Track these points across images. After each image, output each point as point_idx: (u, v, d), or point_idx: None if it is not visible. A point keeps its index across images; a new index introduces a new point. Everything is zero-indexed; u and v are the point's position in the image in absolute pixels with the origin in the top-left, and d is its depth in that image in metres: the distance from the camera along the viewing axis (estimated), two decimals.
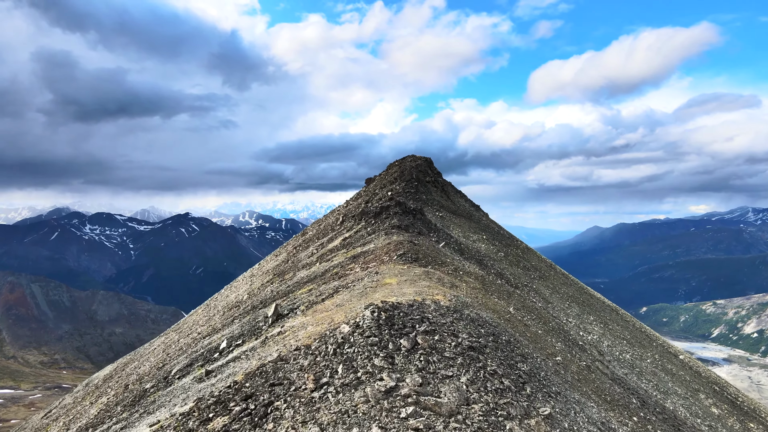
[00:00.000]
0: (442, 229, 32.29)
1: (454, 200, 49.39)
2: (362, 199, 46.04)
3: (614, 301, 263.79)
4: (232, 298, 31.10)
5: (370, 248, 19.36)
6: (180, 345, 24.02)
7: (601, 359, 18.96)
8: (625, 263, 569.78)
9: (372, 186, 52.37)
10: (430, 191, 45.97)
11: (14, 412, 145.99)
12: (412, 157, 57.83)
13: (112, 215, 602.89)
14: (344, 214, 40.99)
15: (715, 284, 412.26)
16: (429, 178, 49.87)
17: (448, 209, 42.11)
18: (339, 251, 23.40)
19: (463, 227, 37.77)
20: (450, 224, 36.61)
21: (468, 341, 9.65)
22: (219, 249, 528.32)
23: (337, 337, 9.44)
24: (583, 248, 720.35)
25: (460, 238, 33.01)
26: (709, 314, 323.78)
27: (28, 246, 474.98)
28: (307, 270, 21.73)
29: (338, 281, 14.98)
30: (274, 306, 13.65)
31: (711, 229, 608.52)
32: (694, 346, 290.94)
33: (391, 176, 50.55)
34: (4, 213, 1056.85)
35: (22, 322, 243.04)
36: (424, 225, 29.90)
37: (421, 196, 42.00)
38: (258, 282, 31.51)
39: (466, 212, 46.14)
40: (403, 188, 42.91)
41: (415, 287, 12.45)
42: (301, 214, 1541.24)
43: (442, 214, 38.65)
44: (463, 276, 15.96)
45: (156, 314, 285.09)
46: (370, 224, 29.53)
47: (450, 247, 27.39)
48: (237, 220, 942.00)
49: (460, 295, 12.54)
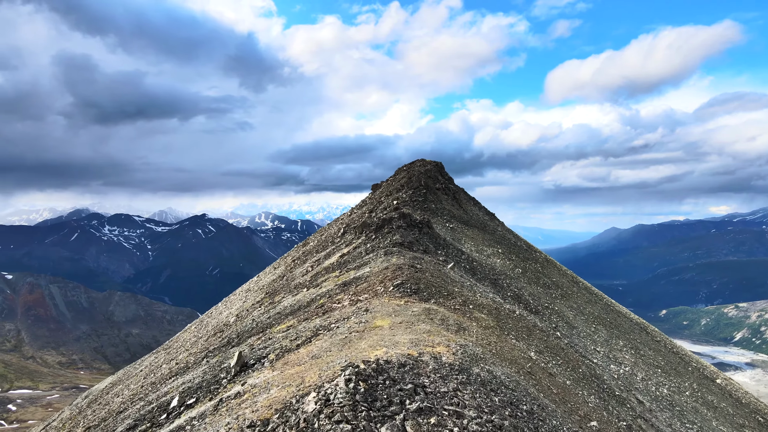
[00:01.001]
0: (452, 244, 29.92)
1: (466, 208, 46.10)
2: (367, 207, 43.50)
3: (633, 303, 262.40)
4: (222, 318, 29.27)
5: (364, 273, 16.95)
6: (148, 382, 22.64)
7: (643, 413, 16.24)
8: (644, 265, 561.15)
9: (378, 193, 49.61)
10: (440, 199, 42.72)
11: (32, 413, 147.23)
12: (422, 161, 54.68)
13: (131, 216, 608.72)
14: (347, 224, 38.85)
15: (737, 287, 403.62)
16: (439, 184, 46.60)
17: (460, 219, 39.30)
18: (332, 272, 21.40)
19: (476, 240, 35.07)
20: (461, 237, 34.09)
21: (476, 424, 7.04)
22: (235, 250, 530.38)
23: (299, 417, 6.97)
24: (601, 250, 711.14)
25: (472, 253, 30.61)
26: (731, 317, 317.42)
27: (49, 247, 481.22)
28: (293, 296, 19.45)
29: (321, 318, 12.67)
30: (237, 355, 11.12)
31: (732, 230, 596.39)
32: (716, 350, 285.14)
33: (398, 183, 47.47)
34: (26, 214, 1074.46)
35: (41, 322, 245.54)
36: (431, 240, 27.67)
37: (429, 205, 39.22)
38: (251, 300, 29.74)
39: (479, 222, 43.07)
40: (410, 196, 40.17)
41: (412, 333, 9.88)
42: (317, 215, 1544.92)
43: (452, 225, 36.02)
44: (474, 311, 13.21)
45: (172, 315, 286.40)
46: (371, 239, 27.10)
47: (460, 266, 24.95)
48: (253, 221, 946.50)
49: (468, 343, 9.96)
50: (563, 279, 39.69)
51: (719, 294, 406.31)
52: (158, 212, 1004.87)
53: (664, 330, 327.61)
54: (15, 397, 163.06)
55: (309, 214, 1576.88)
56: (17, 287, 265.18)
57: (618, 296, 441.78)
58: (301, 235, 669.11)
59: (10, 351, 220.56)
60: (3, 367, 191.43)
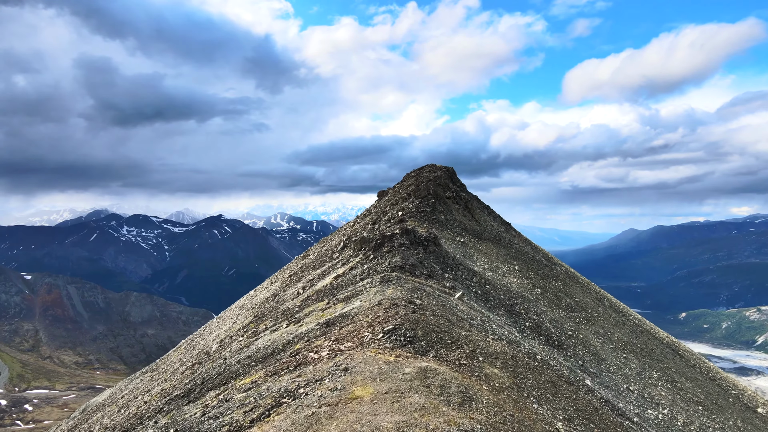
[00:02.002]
0: (463, 263, 26.83)
1: (479, 219, 42.53)
2: (370, 217, 40.15)
3: (651, 306, 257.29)
4: (209, 341, 26.97)
5: (352, 310, 14.33)
6: (112, 421, 21.26)
7: None
8: (663, 267, 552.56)
9: (384, 201, 45.28)
10: (451, 209, 39.05)
11: (47, 413, 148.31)
12: (431, 167, 50.24)
13: (148, 217, 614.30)
14: (348, 235, 35.86)
15: (760, 289, 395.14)
16: (450, 192, 42.31)
17: (472, 232, 36.38)
18: (321, 302, 18.71)
19: (489, 255, 32.15)
20: (473, 252, 30.99)
21: None
22: (251, 250, 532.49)
23: None
24: (619, 251, 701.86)
25: (485, 272, 27.62)
26: (753, 321, 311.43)
27: (69, 247, 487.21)
28: (272, 333, 16.87)
29: (291, 375, 10.31)
30: None
31: (754, 231, 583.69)
32: (737, 354, 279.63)
33: (405, 190, 43.40)
34: (47, 215, 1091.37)
35: (59, 322, 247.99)
36: (438, 260, 24.95)
37: (438, 217, 35.84)
38: (239, 322, 27.47)
39: (494, 235, 39.53)
40: (417, 207, 36.51)
41: (399, 413, 7.54)
42: (332, 215, 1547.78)
43: (464, 240, 33.09)
44: (484, 365, 10.85)
45: (187, 316, 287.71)
46: (368, 259, 24.46)
47: (471, 291, 22.00)
48: (269, 221, 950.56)
49: (476, 426, 7.50)
50: (587, 298, 36.33)
51: (740, 297, 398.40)
52: (175, 213, 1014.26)
53: (684, 333, 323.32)
54: (32, 396, 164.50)
55: (324, 215, 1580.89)
56: (35, 287, 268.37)
57: (636, 298, 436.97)
58: (317, 236, 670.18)
59: (28, 351, 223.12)
60: (21, 366, 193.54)
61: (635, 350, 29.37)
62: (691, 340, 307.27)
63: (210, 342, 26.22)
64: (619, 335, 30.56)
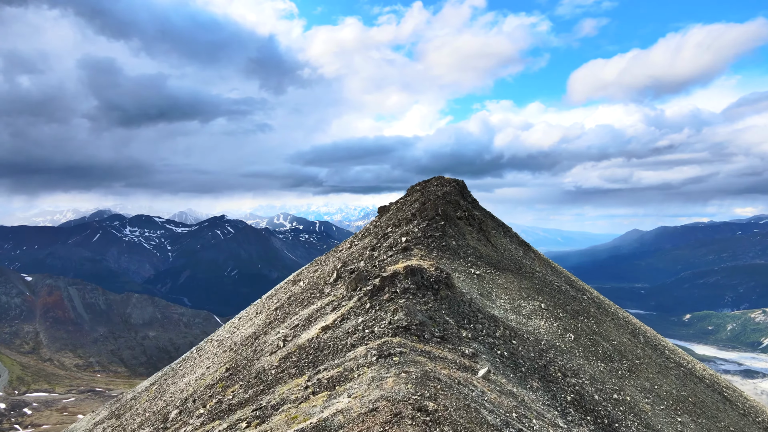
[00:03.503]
0: (481, 308, 22.71)
1: (495, 242, 36.97)
2: (369, 240, 35.71)
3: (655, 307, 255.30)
4: (180, 385, 24.45)
5: (335, 417, 10.07)
6: None
7: None
8: (667, 268, 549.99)
9: (385, 220, 39.63)
10: (463, 233, 33.59)
11: (46, 417, 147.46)
12: (439, 179, 44.20)
13: (151, 217, 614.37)
14: (343, 261, 31.49)
15: (765, 291, 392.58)
16: (461, 211, 36.61)
17: (489, 260, 31.12)
18: (300, 376, 14.79)
19: (510, 291, 27.79)
20: (492, 288, 26.79)
21: None
22: (253, 251, 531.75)
23: None
24: (623, 252, 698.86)
25: (508, 317, 23.78)
26: (758, 323, 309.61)
27: (72, 247, 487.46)
28: (234, 414, 13.75)
29: None
30: None
31: (759, 232, 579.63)
32: (743, 356, 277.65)
33: (409, 208, 38.00)
34: (50, 215, 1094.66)
35: (59, 324, 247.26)
36: (452, 310, 20.49)
37: (449, 243, 30.46)
38: (211, 371, 23.94)
39: (512, 262, 34.27)
40: (423, 231, 31.06)
41: None
42: (335, 216, 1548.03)
43: (479, 272, 28.26)
44: None
45: (189, 318, 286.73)
46: (365, 309, 19.87)
47: (495, 354, 17.98)
48: (271, 222, 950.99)
49: None
50: (623, 336, 32.29)
51: (746, 298, 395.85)
52: (178, 213, 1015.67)
53: (689, 335, 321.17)
54: (31, 400, 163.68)
55: (327, 215, 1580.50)
56: (36, 289, 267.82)
57: (640, 299, 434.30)
58: (319, 236, 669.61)
59: (28, 353, 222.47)
60: (20, 369, 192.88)
61: (688, 407, 25.85)
62: (697, 342, 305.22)
63: (181, 386, 24.09)
64: (667, 387, 26.84)
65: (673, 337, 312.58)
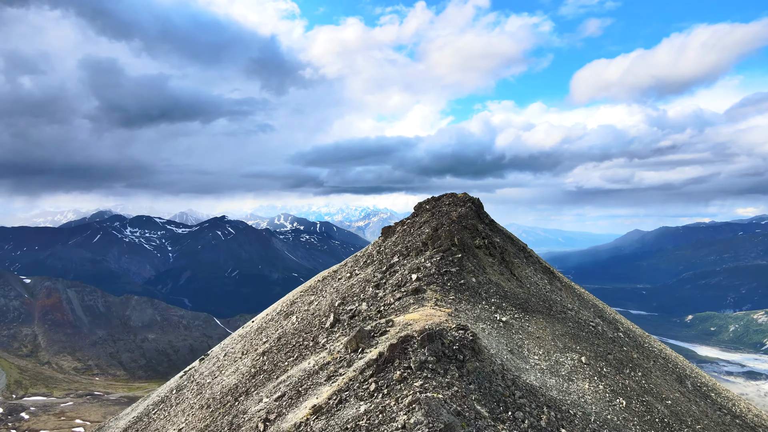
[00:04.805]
0: (517, 379, 19.03)
1: (519, 273, 31.65)
2: (373, 268, 30.81)
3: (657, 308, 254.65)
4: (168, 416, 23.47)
5: None
6: None
7: None
8: (669, 268, 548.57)
9: (390, 245, 34.53)
10: (483, 265, 28.68)
11: (44, 422, 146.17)
12: (451, 198, 38.06)
13: (152, 218, 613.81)
14: (342, 297, 27.22)
15: (767, 292, 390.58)
16: (479, 238, 31.43)
17: (515, 301, 26.48)
18: None
19: (544, 342, 23.44)
20: (524, 341, 22.30)
21: None
22: (254, 252, 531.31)
23: None
24: (624, 252, 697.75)
25: (547, 382, 20.40)
26: (761, 324, 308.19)
27: (72, 248, 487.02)
28: None
29: None
30: None
31: (761, 233, 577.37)
32: (745, 357, 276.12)
33: (419, 232, 33.16)
34: (51, 216, 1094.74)
35: (58, 327, 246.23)
36: (482, 392, 16.09)
37: (468, 281, 25.50)
38: (194, 421, 21.97)
39: (541, 299, 29.25)
40: (437, 265, 26.26)
41: None
42: (336, 216, 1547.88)
43: (506, 318, 23.77)
44: None
45: (188, 320, 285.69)
46: (368, 390, 15.60)
47: None
48: (272, 222, 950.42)
49: None
50: (673, 387, 28.39)
51: (748, 299, 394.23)
52: (179, 214, 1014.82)
53: (691, 336, 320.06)
54: (29, 404, 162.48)
55: (328, 215, 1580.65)
56: (35, 291, 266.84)
57: (642, 300, 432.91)
58: (320, 236, 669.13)
59: (26, 356, 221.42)
60: (18, 373, 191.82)
61: None
62: (699, 344, 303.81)
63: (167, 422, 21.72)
64: None
65: (675, 338, 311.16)
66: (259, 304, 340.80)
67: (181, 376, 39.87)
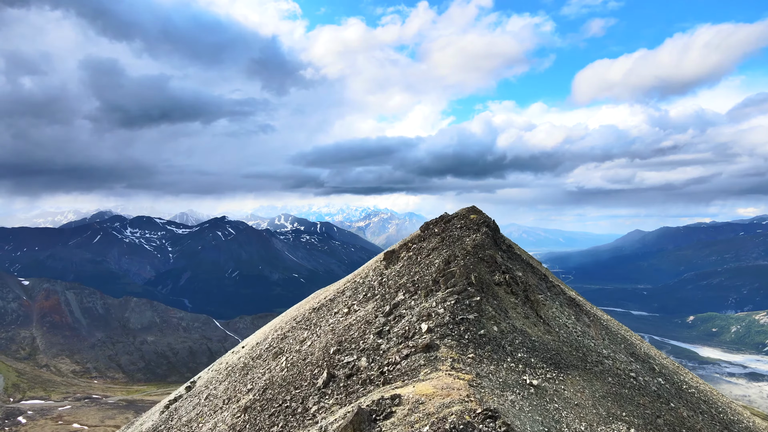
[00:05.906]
0: None
1: (545, 312, 26.54)
2: (374, 305, 26.70)
3: (658, 309, 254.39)
4: None
5: None
6: None
7: None
8: (670, 269, 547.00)
9: (394, 275, 29.60)
10: (505, 308, 23.66)
11: (41, 426, 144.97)
12: (463, 220, 32.35)
13: (152, 219, 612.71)
14: (338, 343, 23.62)
15: None
16: (499, 273, 26.01)
17: (545, 354, 21.80)
18: None
19: (584, 410, 18.85)
20: (560, 414, 17.88)
21: None
22: (254, 252, 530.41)
23: None
24: (625, 252, 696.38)
25: None
26: (763, 324, 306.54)
27: (72, 249, 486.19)
28: None
29: None
30: None
31: (762, 233, 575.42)
32: (747, 358, 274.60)
33: (427, 260, 28.32)
34: (51, 216, 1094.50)
35: (56, 329, 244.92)
36: None
37: (489, 329, 21.20)
38: None
39: (573, 348, 24.30)
40: (451, 311, 21.70)
41: None
42: (336, 216, 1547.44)
43: (537, 381, 19.11)
44: None
45: (188, 322, 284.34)
46: None
47: None
48: (273, 223, 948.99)
49: None
50: None
51: (750, 300, 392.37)
52: (179, 214, 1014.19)
53: (693, 337, 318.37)
54: (26, 408, 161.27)
55: (328, 215, 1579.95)
56: (33, 293, 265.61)
57: (643, 301, 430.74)
58: (320, 237, 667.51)
59: (24, 359, 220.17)
60: (16, 376, 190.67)
61: None
62: (701, 344, 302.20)
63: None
64: None
65: (677, 339, 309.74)
66: (260, 305, 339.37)
67: (162, 411, 37.34)
